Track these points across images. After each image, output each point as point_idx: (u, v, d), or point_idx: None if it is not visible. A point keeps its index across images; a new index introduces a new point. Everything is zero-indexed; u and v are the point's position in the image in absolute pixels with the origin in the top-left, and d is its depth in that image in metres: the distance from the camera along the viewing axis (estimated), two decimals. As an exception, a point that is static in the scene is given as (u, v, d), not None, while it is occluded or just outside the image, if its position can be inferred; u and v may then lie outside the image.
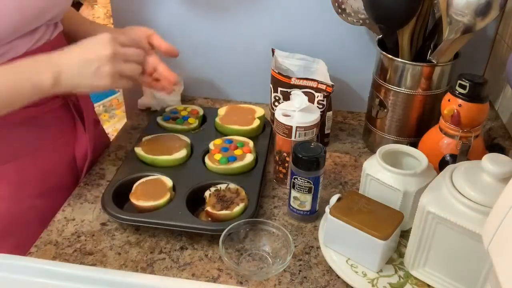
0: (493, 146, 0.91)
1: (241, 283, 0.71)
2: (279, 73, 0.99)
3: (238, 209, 0.78)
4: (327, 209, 0.73)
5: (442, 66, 0.87)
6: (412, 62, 0.88)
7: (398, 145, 0.80)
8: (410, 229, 0.69)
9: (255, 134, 0.99)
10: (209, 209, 0.78)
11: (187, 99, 1.18)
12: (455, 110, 0.78)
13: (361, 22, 0.96)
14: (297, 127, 0.82)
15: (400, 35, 0.88)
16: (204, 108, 1.06)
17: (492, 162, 0.61)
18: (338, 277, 0.71)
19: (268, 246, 0.75)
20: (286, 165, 0.87)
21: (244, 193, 0.81)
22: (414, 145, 0.85)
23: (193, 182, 0.84)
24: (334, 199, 0.73)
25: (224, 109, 1.03)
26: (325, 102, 0.94)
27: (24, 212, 0.83)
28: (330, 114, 0.98)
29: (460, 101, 0.77)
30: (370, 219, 0.70)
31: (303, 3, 1.04)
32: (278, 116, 0.84)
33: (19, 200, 0.82)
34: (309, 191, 0.78)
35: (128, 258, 0.74)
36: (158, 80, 0.83)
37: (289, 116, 0.83)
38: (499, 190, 0.50)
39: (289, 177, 0.84)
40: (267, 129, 1.01)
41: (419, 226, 0.66)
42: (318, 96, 0.94)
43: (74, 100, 0.87)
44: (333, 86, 0.94)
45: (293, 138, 0.83)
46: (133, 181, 0.84)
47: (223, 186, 0.83)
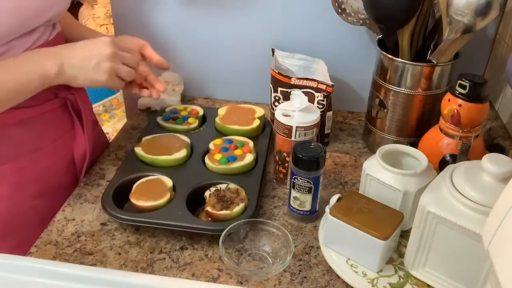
0: (493, 146, 0.91)
1: (241, 283, 0.71)
2: (279, 73, 0.99)
3: (238, 209, 0.78)
4: (327, 209, 0.73)
5: (442, 66, 0.87)
6: (412, 62, 0.88)
7: (398, 145, 0.80)
8: (410, 229, 0.69)
9: (255, 134, 0.99)
10: (209, 209, 0.78)
11: (187, 99, 1.18)
12: (455, 110, 0.78)
13: (361, 22, 0.96)
14: (297, 127, 0.82)
15: (400, 35, 0.88)
16: (204, 108, 1.06)
17: (492, 162, 0.60)
18: (338, 277, 0.71)
19: (268, 246, 0.75)
20: (286, 165, 0.87)
21: (244, 193, 0.81)
22: (414, 145, 0.85)
23: (193, 182, 0.84)
24: (334, 199, 0.73)
25: (224, 109, 1.03)
26: (325, 102, 0.94)
27: (23, 212, 0.83)
28: (330, 114, 0.98)
29: (460, 101, 0.77)
30: (370, 219, 0.70)
31: (303, 3, 1.04)
32: (278, 116, 0.84)
33: (19, 200, 0.82)
34: (309, 191, 0.78)
35: (128, 258, 0.74)
36: (146, 88, 0.89)
37: (289, 116, 0.83)
38: (499, 190, 0.50)
39: (289, 177, 0.84)
40: (267, 129, 1.01)
41: (419, 226, 0.66)
42: (318, 96, 0.94)
43: (72, 100, 0.87)
44: (333, 86, 0.94)
45: (293, 138, 0.83)
46: (133, 181, 0.84)
47: (223, 186, 0.83)
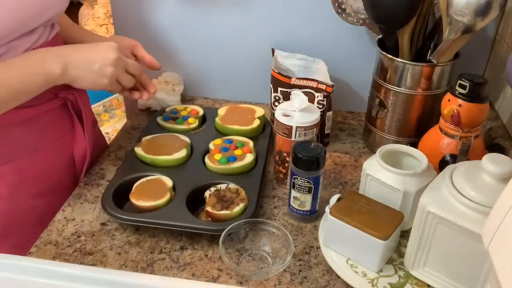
0: (493, 146, 0.91)
1: (241, 283, 0.71)
2: (279, 73, 0.99)
3: (238, 209, 0.78)
4: (327, 209, 0.73)
5: (442, 66, 0.87)
6: (412, 62, 0.88)
7: (398, 145, 0.80)
8: (410, 229, 0.69)
9: (255, 134, 0.99)
10: (209, 209, 0.78)
11: (187, 99, 1.18)
12: (455, 110, 0.78)
13: (361, 22, 0.96)
14: (297, 127, 0.82)
15: (400, 35, 0.88)
16: (204, 108, 1.06)
17: (492, 162, 0.60)
18: (338, 277, 0.71)
19: (268, 246, 0.75)
20: (286, 165, 0.87)
21: (244, 193, 0.81)
22: (414, 145, 0.85)
23: (193, 182, 0.84)
24: (334, 199, 0.73)
25: (224, 109, 1.03)
26: (325, 102, 0.94)
27: (23, 212, 0.83)
28: (330, 114, 0.98)
29: (460, 101, 0.77)
30: (370, 219, 0.70)
31: (303, 3, 1.04)
32: (278, 116, 0.84)
33: (19, 200, 0.82)
34: (309, 191, 0.78)
35: (128, 258, 0.74)
36: (137, 89, 0.90)
37: (289, 116, 0.83)
38: (499, 190, 0.50)
39: (289, 177, 0.84)
40: (267, 129, 1.01)
41: (419, 226, 0.66)
42: (318, 96, 0.94)
43: (72, 100, 0.87)
44: (333, 86, 0.94)
45: (293, 138, 0.83)
46: (133, 181, 0.84)
47: (223, 186, 0.83)
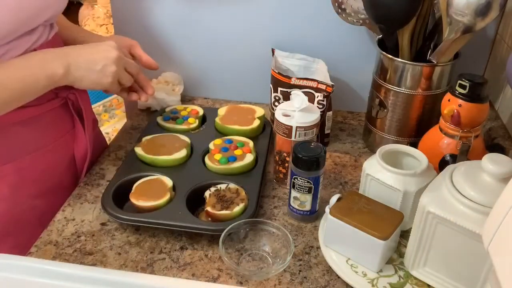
0: (493, 146, 0.91)
1: (241, 283, 0.71)
2: (279, 73, 0.99)
3: (238, 209, 0.78)
4: (327, 209, 0.73)
5: (442, 66, 0.87)
6: (412, 62, 0.88)
7: (398, 145, 0.80)
8: (410, 229, 0.69)
9: (255, 134, 0.99)
10: (209, 209, 0.78)
11: (187, 99, 1.18)
12: (455, 110, 0.77)
13: (361, 22, 0.96)
14: (297, 127, 0.82)
15: (400, 35, 0.88)
16: (204, 108, 1.06)
17: (492, 162, 0.61)
18: (338, 277, 0.71)
19: (268, 246, 0.75)
20: (286, 165, 0.87)
21: (244, 193, 0.81)
22: (414, 145, 0.85)
23: (193, 182, 0.84)
24: (334, 199, 0.73)
25: (224, 109, 1.03)
26: (325, 102, 0.94)
27: (23, 212, 0.83)
28: (330, 114, 0.98)
29: (460, 101, 0.77)
30: (370, 219, 0.70)
31: (303, 3, 1.04)
32: (278, 116, 0.84)
33: (19, 200, 0.82)
34: (309, 191, 0.78)
35: (128, 258, 0.74)
36: (134, 90, 0.90)
37: (289, 116, 0.83)
38: (499, 190, 0.50)
39: (289, 177, 0.84)
40: (267, 129, 1.01)
41: (419, 226, 0.66)
42: (318, 96, 0.94)
43: (73, 99, 0.87)
44: (333, 86, 0.94)
45: (293, 138, 0.83)
46: (133, 181, 0.84)
47: (223, 186, 0.83)
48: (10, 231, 0.82)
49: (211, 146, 0.92)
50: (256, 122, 0.98)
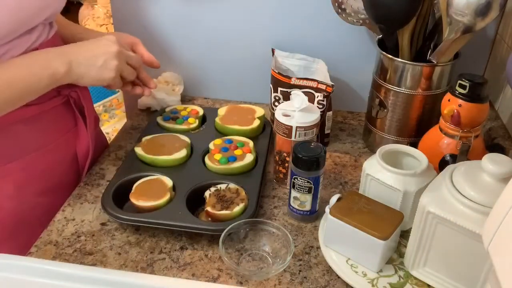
0: (493, 146, 0.91)
1: (241, 283, 0.71)
2: (279, 73, 0.99)
3: (238, 209, 0.78)
4: (327, 209, 0.73)
5: (442, 66, 0.87)
6: (412, 62, 0.88)
7: (398, 145, 0.80)
8: (410, 229, 0.69)
9: (255, 134, 0.99)
10: (209, 209, 0.78)
11: (187, 99, 1.18)
12: (455, 110, 0.78)
13: (361, 22, 0.96)
14: (297, 127, 0.82)
15: (400, 35, 0.88)
16: (204, 108, 1.06)
17: (492, 162, 0.61)
18: (338, 277, 0.71)
19: (268, 246, 0.75)
20: (286, 165, 0.87)
21: (244, 193, 0.81)
22: (414, 145, 0.85)
23: (193, 182, 0.84)
24: (334, 199, 0.73)
25: (224, 109, 1.03)
26: (325, 102, 0.95)
27: (27, 211, 0.83)
28: (330, 114, 0.98)
29: (460, 101, 0.77)
30: (370, 219, 0.70)
31: (303, 3, 1.04)
32: (278, 116, 0.84)
33: (24, 199, 0.82)
34: (309, 191, 0.78)
35: (128, 258, 0.74)
36: (138, 85, 0.90)
37: (289, 116, 0.83)
38: (499, 190, 0.50)
39: (289, 177, 0.84)
40: (267, 129, 1.01)
41: (419, 226, 0.66)
42: (318, 96, 0.94)
43: (75, 97, 0.87)
44: (333, 86, 0.94)
45: (293, 138, 0.83)
46: (133, 181, 0.84)
47: (223, 186, 0.83)
48: (15, 230, 0.82)
49: (211, 146, 0.92)
50: (256, 122, 0.98)
